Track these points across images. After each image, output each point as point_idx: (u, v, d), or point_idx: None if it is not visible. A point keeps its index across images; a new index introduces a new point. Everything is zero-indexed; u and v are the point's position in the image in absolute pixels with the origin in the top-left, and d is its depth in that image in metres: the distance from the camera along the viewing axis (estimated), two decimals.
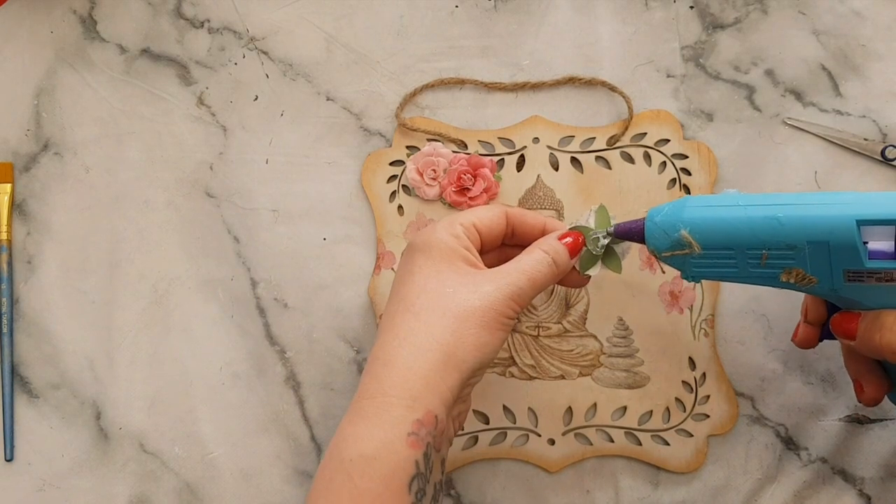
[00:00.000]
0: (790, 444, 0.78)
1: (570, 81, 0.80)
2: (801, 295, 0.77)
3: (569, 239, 0.69)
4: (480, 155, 0.79)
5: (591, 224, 0.71)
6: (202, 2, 0.82)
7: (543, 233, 0.70)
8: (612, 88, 0.80)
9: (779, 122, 0.80)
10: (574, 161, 0.79)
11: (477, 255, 0.68)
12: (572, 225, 0.71)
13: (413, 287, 0.65)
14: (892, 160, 0.78)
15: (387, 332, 0.64)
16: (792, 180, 0.79)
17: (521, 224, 0.71)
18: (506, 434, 0.78)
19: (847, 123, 0.80)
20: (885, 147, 0.78)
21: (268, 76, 0.81)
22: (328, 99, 0.81)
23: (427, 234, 0.67)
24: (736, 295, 0.79)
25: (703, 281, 0.78)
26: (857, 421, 0.78)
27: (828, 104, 0.80)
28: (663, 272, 0.78)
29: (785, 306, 0.79)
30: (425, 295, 0.64)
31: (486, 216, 0.69)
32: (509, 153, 0.80)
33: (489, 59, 0.81)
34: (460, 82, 0.81)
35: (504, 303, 0.64)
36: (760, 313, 0.79)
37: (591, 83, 0.80)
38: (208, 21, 0.82)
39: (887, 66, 0.80)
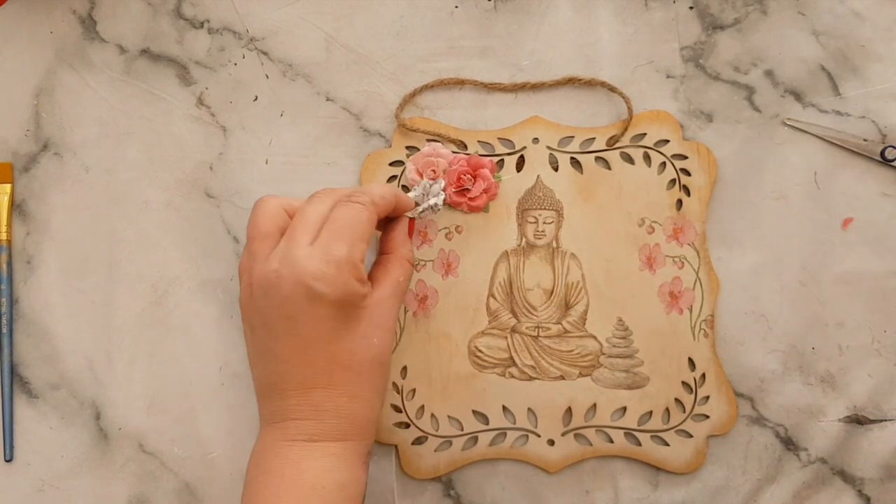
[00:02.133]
0: (789, 444, 0.78)
1: (570, 82, 0.80)
2: (802, 296, 0.77)
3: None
4: (480, 155, 0.79)
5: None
6: (202, 2, 0.82)
7: (397, 207, 0.73)
8: (612, 89, 0.80)
9: (778, 123, 0.80)
10: (574, 161, 0.79)
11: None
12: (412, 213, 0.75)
13: (342, 344, 0.67)
14: (892, 161, 0.78)
15: (333, 388, 0.67)
16: (792, 181, 0.79)
17: (384, 209, 0.71)
18: (505, 434, 0.78)
19: (846, 124, 0.80)
20: (885, 148, 0.79)
21: (267, 76, 0.81)
22: (328, 99, 0.81)
23: (332, 285, 0.65)
24: (735, 295, 0.79)
25: (702, 281, 0.78)
26: (857, 421, 0.78)
27: (827, 105, 0.80)
28: None
29: (785, 307, 0.79)
30: (357, 350, 0.67)
31: (368, 231, 0.68)
32: (509, 153, 0.80)
33: (489, 60, 0.81)
34: (460, 83, 0.81)
35: None
36: (760, 314, 0.79)
37: (590, 84, 0.80)
38: (208, 21, 0.82)
39: (887, 67, 0.80)
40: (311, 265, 0.64)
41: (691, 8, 0.81)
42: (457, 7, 0.81)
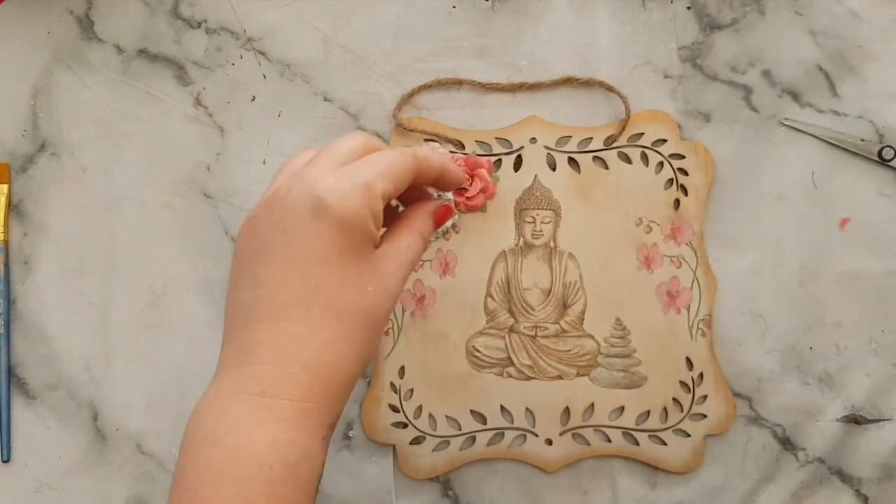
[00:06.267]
0: (787, 444, 0.78)
1: (568, 82, 0.80)
2: (800, 295, 0.77)
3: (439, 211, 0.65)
4: (478, 155, 0.79)
5: None
6: (199, 2, 0.82)
7: (440, 177, 0.64)
8: (610, 88, 0.80)
9: (776, 123, 0.80)
10: (571, 161, 0.79)
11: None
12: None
13: (334, 276, 0.57)
14: (889, 161, 0.79)
15: (307, 327, 0.57)
16: (789, 181, 0.79)
17: (425, 170, 0.62)
18: (503, 434, 0.78)
19: (844, 124, 0.80)
20: (882, 148, 0.79)
21: (265, 76, 0.81)
22: (325, 99, 0.81)
23: (344, 200, 0.56)
24: (733, 295, 0.79)
25: (700, 281, 0.78)
26: (855, 421, 0.78)
27: (825, 105, 0.80)
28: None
29: (783, 307, 0.79)
30: (346, 291, 0.58)
31: (401, 177, 0.60)
32: (507, 153, 0.80)
33: (487, 60, 0.81)
34: (458, 83, 0.81)
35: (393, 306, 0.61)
36: (758, 314, 0.79)
37: (588, 83, 0.80)
38: (205, 21, 0.82)
39: (884, 67, 0.80)
40: (324, 179, 0.57)
41: (689, 8, 0.81)
42: (454, 7, 0.81)
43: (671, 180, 0.79)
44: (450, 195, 0.67)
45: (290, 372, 0.56)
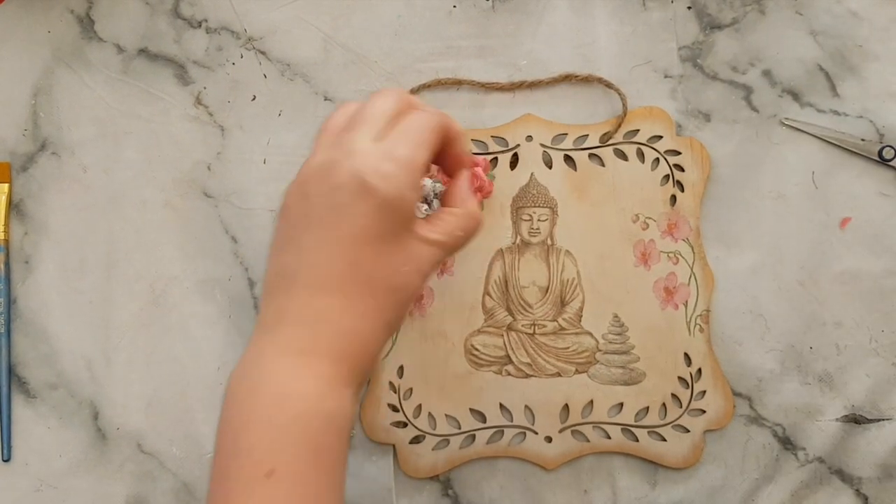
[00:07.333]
0: (787, 443, 0.78)
1: (567, 79, 0.80)
2: (800, 295, 0.77)
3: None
4: (474, 153, 0.79)
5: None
6: (200, 1, 0.82)
7: (458, 141, 0.67)
8: (609, 85, 0.80)
9: (776, 123, 0.80)
10: (567, 159, 0.79)
11: None
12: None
13: (372, 255, 0.61)
14: (889, 160, 0.78)
15: (344, 298, 0.61)
16: (789, 181, 0.79)
17: (453, 132, 0.66)
18: (503, 432, 0.78)
19: (844, 124, 0.80)
20: (882, 147, 0.79)
21: (265, 76, 0.82)
22: (326, 99, 0.81)
23: (388, 182, 0.60)
24: (734, 295, 0.79)
25: (697, 276, 0.78)
26: (855, 421, 0.78)
27: (825, 105, 0.80)
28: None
29: (782, 306, 0.79)
30: (381, 270, 0.61)
31: (434, 141, 0.64)
32: (502, 151, 0.80)
33: (486, 60, 0.81)
34: (458, 82, 0.81)
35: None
36: (758, 313, 0.79)
37: (587, 80, 0.80)
38: (206, 21, 0.82)
39: (884, 67, 0.80)
40: (370, 159, 0.60)
41: (689, 8, 0.81)
42: (455, 7, 0.82)
43: (667, 176, 0.79)
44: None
45: (325, 337, 0.60)
